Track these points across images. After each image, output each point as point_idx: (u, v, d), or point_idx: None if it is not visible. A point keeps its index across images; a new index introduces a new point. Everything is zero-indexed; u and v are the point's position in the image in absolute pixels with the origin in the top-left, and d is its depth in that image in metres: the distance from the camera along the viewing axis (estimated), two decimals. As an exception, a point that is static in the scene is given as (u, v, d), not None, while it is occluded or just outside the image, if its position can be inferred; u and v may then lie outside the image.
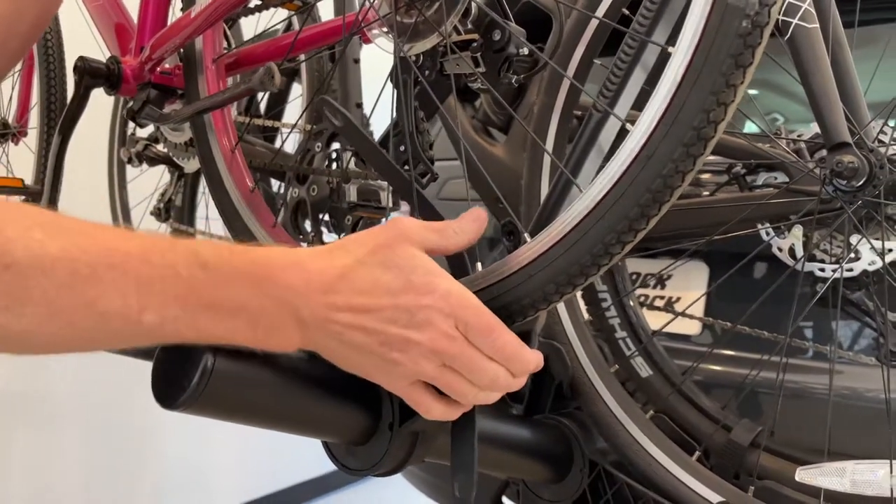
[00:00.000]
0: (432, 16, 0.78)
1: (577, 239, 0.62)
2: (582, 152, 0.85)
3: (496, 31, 0.78)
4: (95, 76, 1.01)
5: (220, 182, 0.95)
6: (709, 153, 0.57)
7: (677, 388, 1.04)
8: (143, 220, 1.72)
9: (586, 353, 1.03)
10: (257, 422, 0.68)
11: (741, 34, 0.53)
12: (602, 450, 1.02)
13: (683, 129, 0.56)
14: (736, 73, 0.54)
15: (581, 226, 0.61)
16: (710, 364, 1.24)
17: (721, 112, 0.55)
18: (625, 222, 0.59)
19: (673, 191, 0.57)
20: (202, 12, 0.87)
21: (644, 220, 0.59)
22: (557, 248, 0.63)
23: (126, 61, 1.02)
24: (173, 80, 1.03)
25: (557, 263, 0.63)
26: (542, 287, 0.64)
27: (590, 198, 0.61)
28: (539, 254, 0.64)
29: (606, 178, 0.60)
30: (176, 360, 0.62)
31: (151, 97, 0.99)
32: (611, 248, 0.60)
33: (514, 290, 0.66)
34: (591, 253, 0.61)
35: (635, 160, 0.58)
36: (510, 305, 0.66)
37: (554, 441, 1.00)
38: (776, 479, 1.01)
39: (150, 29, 1.02)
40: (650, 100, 0.58)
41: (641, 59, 0.80)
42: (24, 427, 2.27)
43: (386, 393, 0.73)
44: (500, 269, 0.68)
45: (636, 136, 0.59)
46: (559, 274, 0.63)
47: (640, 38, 0.78)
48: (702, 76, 0.55)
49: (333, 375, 0.71)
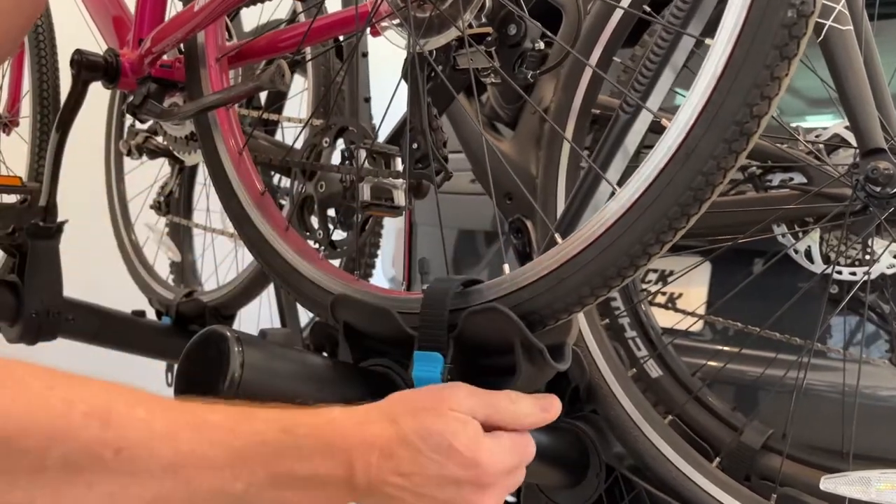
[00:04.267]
0: (446, 10, 0.75)
1: (614, 240, 0.60)
2: (609, 151, 0.83)
3: (512, 25, 0.76)
4: (93, 70, 0.98)
5: (227, 183, 0.92)
6: (751, 148, 0.55)
7: (694, 396, 1.03)
8: (142, 212, 1.69)
9: (603, 356, 1.01)
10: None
11: (786, 24, 0.51)
12: (619, 454, 1.01)
13: (725, 124, 0.54)
14: (781, 64, 0.52)
15: (617, 226, 0.59)
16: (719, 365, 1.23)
17: (765, 106, 0.53)
18: (664, 222, 0.57)
19: (714, 188, 0.56)
20: (207, 5, 0.83)
21: (684, 219, 0.57)
22: (591, 249, 0.61)
23: (124, 54, 0.99)
24: (174, 74, 0.99)
25: (592, 266, 0.61)
26: (575, 290, 0.62)
27: (626, 197, 0.59)
28: (571, 256, 0.62)
29: (643, 177, 0.58)
30: (200, 370, 0.60)
31: (152, 91, 0.96)
32: (649, 249, 0.58)
33: (544, 295, 0.64)
34: (629, 254, 0.59)
35: (673, 157, 0.56)
36: (541, 310, 0.64)
37: (570, 445, 0.98)
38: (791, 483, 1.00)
39: (148, 21, 0.98)
40: (688, 94, 0.56)
41: (673, 57, 0.79)
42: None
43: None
44: (528, 272, 0.66)
45: (674, 132, 0.56)
46: (594, 276, 0.61)
47: (675, 30, 0.76)
48: (744, 68, 0.52)
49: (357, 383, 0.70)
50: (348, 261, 1.50)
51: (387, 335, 0.74)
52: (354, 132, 0.98)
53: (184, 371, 0.62)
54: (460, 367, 0.68)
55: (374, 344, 0.78)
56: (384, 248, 1.78)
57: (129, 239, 1.70)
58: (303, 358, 0.70)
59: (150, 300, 1.61)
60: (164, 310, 1.55)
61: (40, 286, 1.23)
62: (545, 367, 0.65)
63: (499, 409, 0.63)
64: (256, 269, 1.46)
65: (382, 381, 0.72)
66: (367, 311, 0.75)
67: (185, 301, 1.51)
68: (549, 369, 0.66)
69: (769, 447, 1.09)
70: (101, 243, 1.73)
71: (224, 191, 0.93)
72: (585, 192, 0.84)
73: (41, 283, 1.23)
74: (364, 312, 0.75)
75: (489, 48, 0.74)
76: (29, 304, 1.22)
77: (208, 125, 0.93)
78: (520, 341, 0.64)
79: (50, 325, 1.25)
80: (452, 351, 0.67)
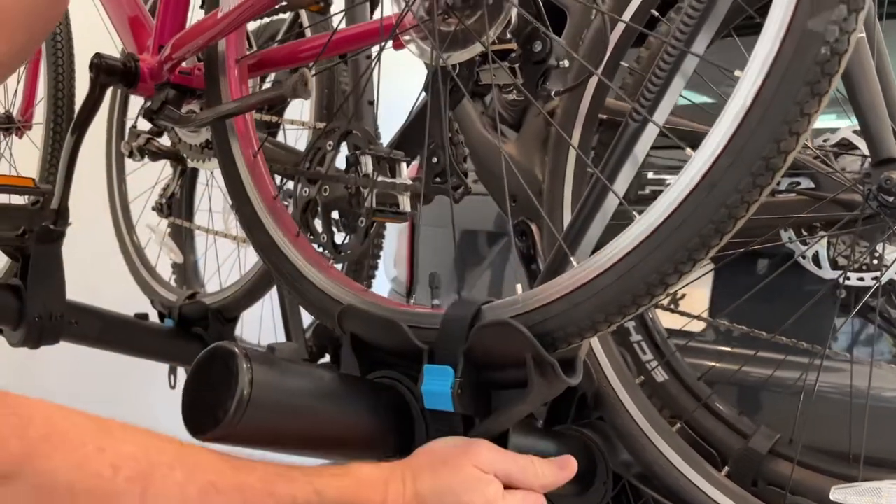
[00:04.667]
0: (472, 24, 0.74)
1: (631, 267, 0.59)
2: (618, 161, 0.82)
3: (537, 42, 0.75)
4: (112, 74, 0.97)
5: (241, 188, 0.91)
6: (776, 182, 0.54)
7: (703, 403, 1.02)
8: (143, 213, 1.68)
9: (610, 363, 1.01)
10: (288, 448, 0.66)
11: (819, 61, 0.50)
12: (626, 462, 1.00)
13: (751, 158, 0.53)
14: (811, 101, 0.51)
15: (635, 254, 0.59)
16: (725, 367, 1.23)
17: (793, 142, 0.52)
18: (683, 253, 0.57)
19: (737, 221, 0.55)
20: (229, 14, 0.82)
21: (704, 251, 0.56)
22: (608, 275, 0.60)
23: (144, 59, 0.98)
24: (192, 81, 0.99)
25: (608, 292, 0.60)
26: (589, 315, 0.62)
27: (645, 224, 0.58)
28: (586, 281, 0.62)
29: (664, 205, 0.58)
30: (208, 388, 0.60)
31: (170, 97, 0.96)
32: (666, 279, 0.58)
33: (557, 318, 0.64)
34: (646, 282, 0.58)
35: (696, 188, 0.56)
36: (553, 332, 0.64)
37: (577, 453, 0.97)
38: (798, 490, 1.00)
39: (169, 27, 0.98)
40: (714, 126, 0.55)
41: (682, 67, 0.78)
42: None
43: (419, 414, 0.71)
44: (542, 294, 0.65)
45: (698, 162, 0.56)
46: (609, 303, 0.60)
47: (680, 48, 0.75)
48: (774, 104, 0.52)
49: (366, 397, 0.69)
50: (351, 265, 1.49)
51: (395, 348, 0.73)
52: (359, 136, 0.97)
53: (191, 389, 0.61)
54: (471, 382, 0.67)
55: (380, 356, 0.77)
56: (386, 248, 1.77)
57: (130, 240, 1.69)
58: (311, 373, 0.69)
59: (152, 302, 1.61)
60: (167, 312, 1.55)
61: (44, 290, 1.22)
62: (557, 381, 0.65)
63: (519, 468, 0.66)
64: (260, 271, 1.46)
65: (390, 395, 0.72)
66: (375, 324, 0.74)
67: (188, 303, 1.51)
68: (560, 383, 0.66)
69: (776, 452, 1.09)
70: (103, 245, 1.72)
71: (238, 195, 0.93)
72: (594, 202, 0.83)
73: (44, 286, 1.22)
74: (373, 324, 0.75)
75: (513, 64, 0.73)
76: (32, 308, 1.21)
77: (225, 130, 0.93)
78: (531, 356, 0.63)
79: (53, 329, 1.24)
80: (463, 365, 0.67)
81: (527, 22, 0.75)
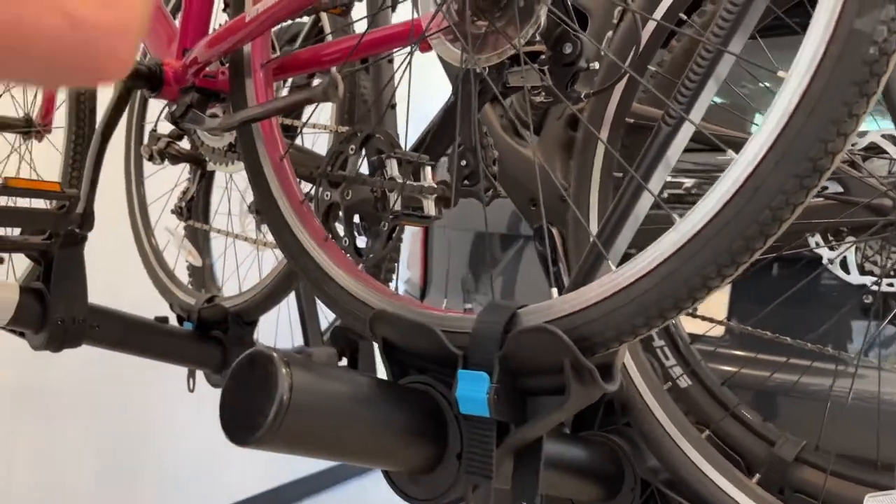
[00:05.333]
0: (502, 26, 0.74)
1: (672, 271, 0.58)
2: (651, 164, 0.82)
3: (567, 43, 0.75)
4: (136, 78, 0.97)
5: (268, 192, 0.91)
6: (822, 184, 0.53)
7: (731, 412, 1.02)
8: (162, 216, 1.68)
9: (638, 368, 1.00)
10: (327, 454, 0.65)
11: (867, 61, 0.50)
12: (653, 468, 1.00)
13: (797, 159, 0.52)
14: (859, 102, 0.51)
15: (677, 257, 0.58)
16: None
17: (840, 142, 0.51)
18: (726, 256, 0.56)
19: (782, 223, 0.54)
20: (257, 18, 0.82)
21: (748, 254, 0.56)
22: (649, 278, 0.60)
23: (168, 63, 0.98)
24: (216, 84, 0.99)
25: (648, 296, 0.60)
26: (629, 319, 0.61)
27: (687, 227, 0.58)
28: (626, 284, 0.61)
29: (706, 208, 0.57)
30: (246, 394, 0.59)
31: (194, 101, 0.96)
32: (709, 282, 0.57)
33: (595, 322, 0.63)
34: (688, 286, 0.58)
35: (740, 190, 0.55)
36: (591, 337, 0.63)
37: (604, 459, 0.97)
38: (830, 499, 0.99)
39: (192, 31, 0.98)
40: (759, 127, 0.54)
41: (716, 70, 0.77)
42: (32, 421, 2.24)
43: (452, 420, 0.71)
44: (579, 298, 0.65)
45: (741, 164, 0.55)
46: (650, 307, 0.60)
47: (717, 47, 0.74)
48: (820, 104, 0.51)
49: (401, 402, 0.69)
50: (369, 267, 1.49)
51: (428, 353, 0.73)
52: (381, 139, 0.97)
53: (229, 394, 0.61)
54: (506, 387, 0.67)
55: (411, 360, 0.77)
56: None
57: (149, 243, 1.69)
58: (349, 377, 0.69)
59: (171, 305, 1.60)
60: (186, 315, 1.54)
61: (66, 293, 1.22)
62: (595, 387, 0.64)
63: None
64: (280, 274, 1.45)
65: (424, 399, 0.71)
66: (409, 328, 0.74)
67: (208, 306, 1.51)
68: (598, 389, 0.65)
69: (803, 459, 1.08)
70: (120, 248, 1.72)
71: (265, 199, 0.92)
72: (626, 203, 0.83)
73: (67, 290, 1.22)
74: (406, 329, 0.74)
75: (542, 66, 0.73)
76: (55, 312, 1.21)
77: (251, 134, 0.93)
78: (570, 362, 0.63)
79: (75, 333, 1.24)
80: (499, 371, 0.67)
81: (556, 24, 0.75)
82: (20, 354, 1.80)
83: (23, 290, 1.20)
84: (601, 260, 0.81)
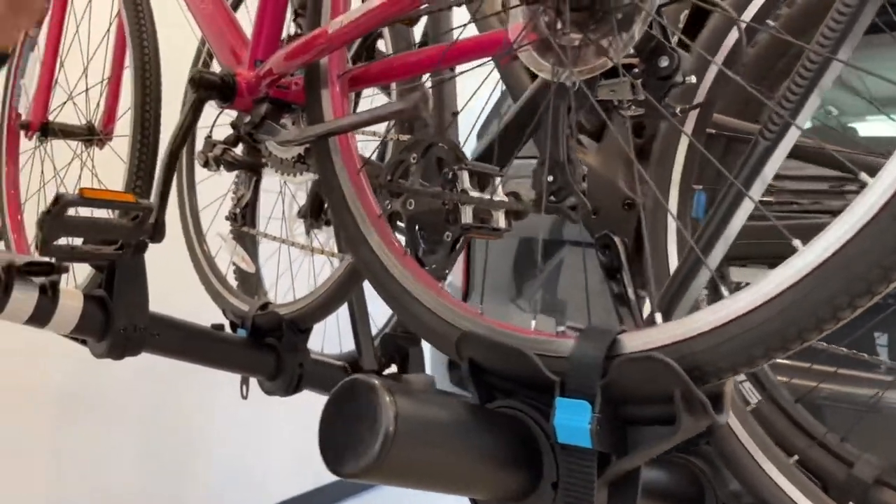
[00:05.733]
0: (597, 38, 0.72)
1: (798, 299, 0.55)
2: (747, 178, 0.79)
3: (663, 56, 0.72)
4: (210, 88, 0.96)
5: (345, 206, 0.89)
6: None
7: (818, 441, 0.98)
8: (214, 222, 1.68)
9: (718, 387, 0.97)
10: (429, 484, 0.63)
11: None
12: (735, 492, 0.96)
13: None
14: None
15: (803, 284, 0.55)
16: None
17: None
18: (860, 285, 0.53)
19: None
20: (341, 30, 0.81)
21: (885, 283, 0.53)
22: (770, 306, 0.57)
23: (241, 74, 0.97)
24: (289, 95, 0.97)
25: (769, 325, 0.57)
26: (746, 349, 0.59)
27: (816, 253, 0.55)
28: (743, 312, 0.58)
29: (838, 234, 0.54)
30: (346, 424, 0.58)
31: (269, 112, 0.94)
32: (839, 313, 0.54)
33: (708, 351, 0.60)
34: (816, 316, 0.55)
35: (878, 216, 0.52)
36: (703, 366, 0.61)
37: (686, 482, 0.94)
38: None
39: (265, 42, 0.96)
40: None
41: (822, 80, 0.74)
42: (80, 427, 2.26)
43: (548, 449, 0.68)
44: (689, 325, 0.62)
45: (879, 187, 0.52)
46: (771, 337, 0.57)
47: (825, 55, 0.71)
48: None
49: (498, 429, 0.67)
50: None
51: (521, 377, 0.70)
52: (445, 148, 0.95)
53: (328, 423, 0.59)
54: (608, 417, 0.64)
55: (500, 383, 0.74)
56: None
57: (201, 249, 1.69)
58: (447, 403, 0.67)
59: (223, 311, 1.60)
60: (240, 322, 1.54)
61: (128, 301, 1.22)
62: (705, 418, 0.61)
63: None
64: (336, 283, 1.44)
65: (518, 426, 0.69)
66: (501, 352, 0.72)
67: (262, 314, 1.50)
68: (707, 421, 0.62)
69: (883, 482, 1.04)
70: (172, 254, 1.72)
71: (340, 212, 0.91)
72: (727, 208, 0.80)
73: (129, 297, 1.21)
74: (497, 352, 0.72)
75: (637, 80, 0.70)
76: (118, 320, 1.21)
77: (327, 146, 0.91)
78: (681, 392, 0.60)
79: (137, 341, 1.23)
80: (600, 399, 0.64)
81: (651, 36, 0.72)
82: (68, 361, 1.82)
83: (86, 297, 1.20)
84: (699, 266, 0.78)
